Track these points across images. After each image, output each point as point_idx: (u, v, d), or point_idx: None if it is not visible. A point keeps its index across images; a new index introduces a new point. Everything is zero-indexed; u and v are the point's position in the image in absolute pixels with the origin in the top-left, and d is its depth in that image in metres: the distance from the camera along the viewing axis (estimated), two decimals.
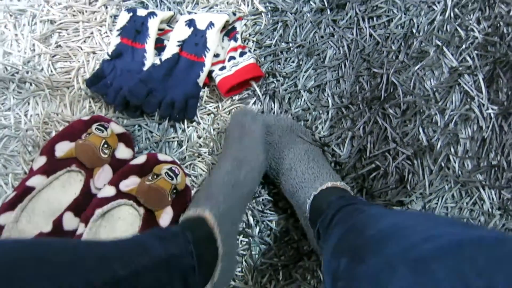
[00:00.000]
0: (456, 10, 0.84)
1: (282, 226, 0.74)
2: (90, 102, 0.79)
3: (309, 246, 0.73)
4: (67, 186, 0.73)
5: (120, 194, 0.69)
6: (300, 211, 0.67)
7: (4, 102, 0.79)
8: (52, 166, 0.71)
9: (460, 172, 0.77)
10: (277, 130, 0.72)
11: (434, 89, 0.79)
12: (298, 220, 0.73)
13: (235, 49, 0.77)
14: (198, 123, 0.78)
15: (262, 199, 0.75)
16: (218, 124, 0.77)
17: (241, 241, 0.73)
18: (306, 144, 0.72)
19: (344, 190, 0.65)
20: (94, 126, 0.71)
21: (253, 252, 0.72)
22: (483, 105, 0.79)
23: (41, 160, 0.72)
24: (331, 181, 0.65)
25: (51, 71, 0.80)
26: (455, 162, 0.77)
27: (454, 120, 0.78)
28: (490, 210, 0.76)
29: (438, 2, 0.84)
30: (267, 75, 0.79)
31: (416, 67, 0.79)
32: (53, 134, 0.77)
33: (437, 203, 0.76)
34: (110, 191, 0.69)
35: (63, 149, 0.72)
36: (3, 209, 0.68)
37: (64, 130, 0.74)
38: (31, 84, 0.80)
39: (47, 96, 0.79)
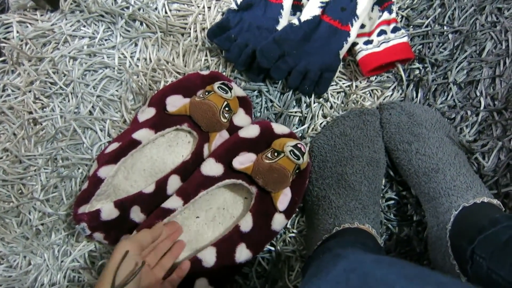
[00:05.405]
0: None
1: (405, 233, 0.64)
2: (206, 55, 0.68)
3: (430, 262, 0.64)
4: (174, 146, 0.64)
5: (229, 173, 0.59)
6: (435, 220, 0.58)
7: (109, 39, 0.70)
8: (162, 121, 0.62)
9: None
10: (425, 122, 0.62)
11: None
12: (423, 230, 0.64)
13: (388, 22, 0.65)
14: (326, 100, 0.67)
15: (386, 199, 0.65)
16: (347, 105, 0.67)
17: None
18: (455, 146, 0.62)
19: (501, 211, 0.55)
20: (217, 84, 0.61)
21: None
22: None
23: (150, 112, 0.63)
24: (486, 196, 0.55)
25: (166, 12, 0.70)
26: None
27: None
28: None
29: None
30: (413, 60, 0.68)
31: None
32: (161, 84, 0.67)
33: None
34: (217, 169, 0.59)
35: (175, 103, 0.62)
36: (105, 160, 0.59)
37: (179, 82, 0.65)
38: (141, 24, 0.70)
39: (158, 40, 0.69)
